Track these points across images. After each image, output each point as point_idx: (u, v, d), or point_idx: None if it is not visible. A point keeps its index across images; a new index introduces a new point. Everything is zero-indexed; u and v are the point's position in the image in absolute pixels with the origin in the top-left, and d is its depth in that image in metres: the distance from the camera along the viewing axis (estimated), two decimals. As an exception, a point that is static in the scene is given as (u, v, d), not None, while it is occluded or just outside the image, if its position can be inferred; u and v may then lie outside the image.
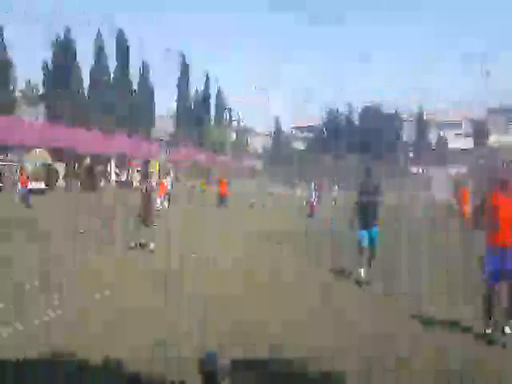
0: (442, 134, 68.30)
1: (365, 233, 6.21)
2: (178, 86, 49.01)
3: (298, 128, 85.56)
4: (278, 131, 73.21)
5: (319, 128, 72.92)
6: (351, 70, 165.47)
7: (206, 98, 53.96)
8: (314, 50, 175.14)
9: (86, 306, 4.95)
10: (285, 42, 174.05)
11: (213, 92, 56.04)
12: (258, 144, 78.15)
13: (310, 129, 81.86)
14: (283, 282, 6.29)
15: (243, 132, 68.95)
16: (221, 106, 58.66)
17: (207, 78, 54.26)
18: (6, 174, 25.47)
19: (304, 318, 4.64)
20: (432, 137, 68.47)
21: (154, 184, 12.48)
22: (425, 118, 67.82)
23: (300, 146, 74.56)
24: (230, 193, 18.73)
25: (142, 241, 8.57)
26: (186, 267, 6.72)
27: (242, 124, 69.31)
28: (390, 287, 5.96)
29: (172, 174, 20.11)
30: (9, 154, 28.67)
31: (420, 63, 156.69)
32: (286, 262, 7.66)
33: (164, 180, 12.93)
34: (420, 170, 62.23)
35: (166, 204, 16.18)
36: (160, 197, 12.41)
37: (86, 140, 32.19)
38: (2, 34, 29.10)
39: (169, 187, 17.39)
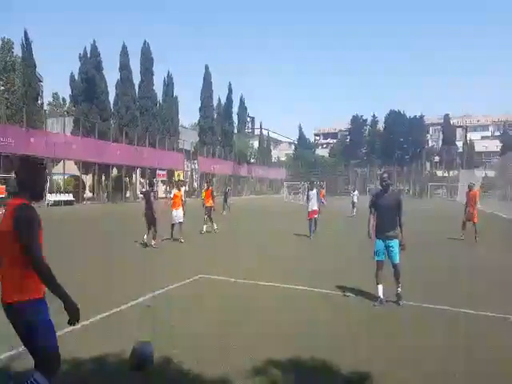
0: (469, 136, 66.28)
1: (380, 244, 5.51)
2: (202, 96, 49.62)
3: (320, 135, 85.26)
4: (301, 139, 72.93)
5: (343, 134, 72.28)
6: (374, 76, 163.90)
7: (228, 108, 54.38)
8: (335, 55, 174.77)
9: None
10: (304, 48, 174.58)
11: (235, 102, 56.50)
12: (281, 152, 78.02)
13: (333, 135, 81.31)
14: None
15: (266, 140, 68.99)
16: (243, 116, 58.99)
17: (230, 89, 54.79)
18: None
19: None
20: (459, 140, 66.54)
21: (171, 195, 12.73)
22: (451, 121, 66.12)
23: (323, 152, 73.97)
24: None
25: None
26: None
27: (264, 132, 69.44)
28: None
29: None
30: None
31: (445, 66, 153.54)
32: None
33: (175, 191, 11.41)
34: (446, 174, 60.49)
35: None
36: (176, 209, 10.93)
37: (113, 152, 32.87)
38: (31, 49, 30.29)
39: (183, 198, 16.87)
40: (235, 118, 56.89)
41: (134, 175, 37.71)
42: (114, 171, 35.32)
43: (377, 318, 4.91)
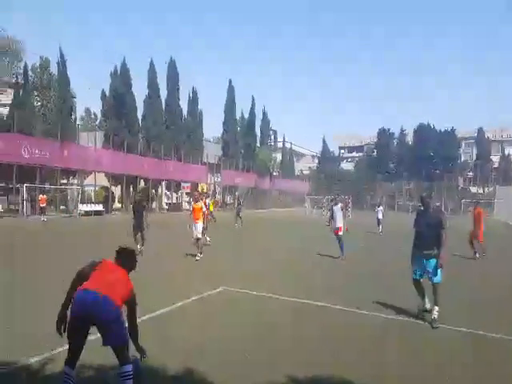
0: (507, 151, 64.92)
1: (419, 262, 5.63)
2: (225, 110, 51.30)
3: (345, 148, 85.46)
4: (325, 152, 73.46)
5: (370, 147, 72.38)
6: (403, 88, 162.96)
7: (251, 121, 55.82)
8: (360, 67, 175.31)
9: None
10: (329, 60, 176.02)
11: (258, 115, 57.92)
12: (304, 165, 78.74)
13: (358, 149, 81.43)
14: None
15: (289, 153, 69.96)
16: (266, 129, 60.28)
17: (253, 102, 56.32)
18: (69, 197, 28.00)
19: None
20: (494, 154, 65.26)
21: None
22: (486, 134, 65.11)
23: (348, 166, 74.15)
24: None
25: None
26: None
27: (287, 145, 70.48)
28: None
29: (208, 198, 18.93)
30: (71, 178, 31.57)
31: (480, 78, 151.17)
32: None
33: (194, 204, 11.00)
34: (481, 190, 59.37)
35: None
36: (195, 223, 10.64)
37: (140, 165, 34.58)
38: (65, 67, 32.64)
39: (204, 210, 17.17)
40: (258, 131, 58.33)
41: (159, 187, 39.31)
42: (142, 183, 37.01)
43: (405, 339, 4.94)
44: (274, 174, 61.90)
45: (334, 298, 6.55)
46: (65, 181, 31.07)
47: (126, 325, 3.33)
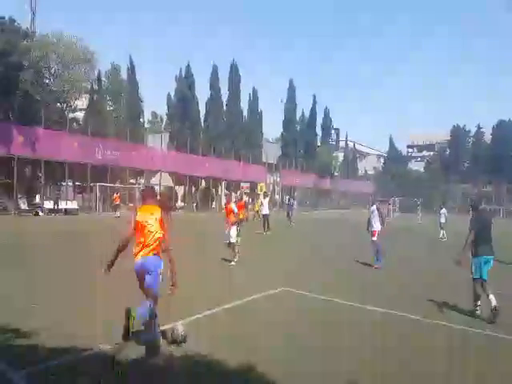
0: None
1: (481, 262, 5.87)
2: (285, 109, 51.79)
3: (414, 147, 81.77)
4: (391, 151, 70.83)
5: (442, 146, 68.48)
6: (476, 83, 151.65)
7: (312, 120, 55.70)
8: (430, 60, 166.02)
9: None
10: (399, 59, 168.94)
11: (319, 114, 57.61)
12: (368, 165, 76.61)
13: (429, 148, 77.40)
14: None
15: (352, 153, 68.61)
16: (328, 128, 59.75)
17: (314, 101, 56.14)
18: (137, 195, 30.30)
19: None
20: None
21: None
22: None
23: (417, 166, 70.80)
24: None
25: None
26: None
27: (350, 144, 69.15)
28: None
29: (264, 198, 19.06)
30: (139, 178, 34.08)
31: None
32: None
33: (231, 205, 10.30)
34: None
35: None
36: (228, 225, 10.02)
37: (202, 165, 36.31)
38: (134, 73, 35.35)
39: (266, 211, 17.44)
40: (319, 130, 58.04)
41: (219, 187, 40.88)
42: (203, 183, 38.80)
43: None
44: (336, 174, 61.11)
45: (396, 304, 6.43)
46: (133, 180, 33.63)
47: None
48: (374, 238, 10.17)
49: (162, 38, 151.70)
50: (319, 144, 57.79)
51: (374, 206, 10.55)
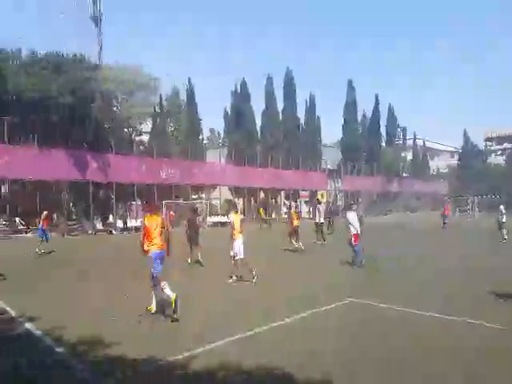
0: None
1: None
2: (345, 111, 51.54)
3: (493, 139, 75.96)
4: (467, 145, 66.66)
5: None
6: None
7: (375, 120, 54.71)
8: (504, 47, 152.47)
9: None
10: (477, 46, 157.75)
11: (383, 114, 56.37)
12: (441, 163, 72.86)
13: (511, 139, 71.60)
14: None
15: (422, 151, 65.87)
16: (393, 127, 58.20)
17: (376, 101, 55.10)
18: (199, 210, 32.57)
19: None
20: None
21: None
22: None
23: (497, 160, 65.85)
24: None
25: None
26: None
27: (419, 142, 66.44)
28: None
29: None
30: (200, 193, 36.51)
31: None
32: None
33: (233, 215, 9.89)
34: None
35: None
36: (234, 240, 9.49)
37: (259, 176, 37.82)
38: (193, 93, 38.03)
39: (321, 219, 17.29)
40: (383, 130, 56.78)
41: (278, 197, 42.05)
42: (261, 194, 40.27)
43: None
44: (404, 175, 59.19)
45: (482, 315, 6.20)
46: (195, 196, 36.13)
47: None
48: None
49: (214, 51, 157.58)
50: (384, 145, 56.56)
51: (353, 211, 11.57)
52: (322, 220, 17.89)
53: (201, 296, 8.22)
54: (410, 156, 62.82)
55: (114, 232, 26.61)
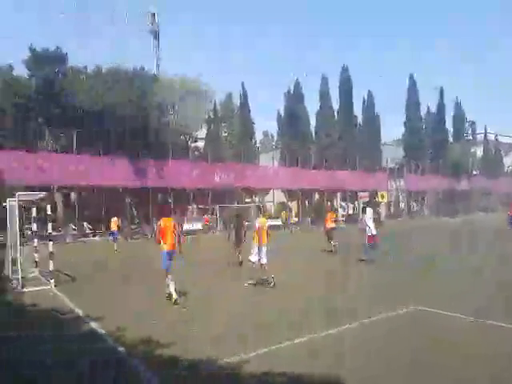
0: None
1: None
2: (407, 107, 49.54)
3: None
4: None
5: None
6: None
7: (440, 115, 51.95)
8: None
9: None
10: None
11: (449, 108, 53.38)
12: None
13: None
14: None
15: (494, 146, 61.17)
16: (460, 121, 54.81)
17: (441, 94, 52.32)
18: (252, 213, 33.22)
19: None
20: None
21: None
22: None
23: None
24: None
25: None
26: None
27: (490, 137, 61.77)
28: None
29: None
30: (253, 196, 37.24)
31: None
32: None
33: (260, 219, 9.86)
34: None
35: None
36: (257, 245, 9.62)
37: (314, 178, 37.68)
38: (246, 98, 38.92)
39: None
40: (449, 126, 53.72)
41: (334, 199, 41.53)
42: (316, 196, 40.08)
43: None
44: (474, 172, 55.43)
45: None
46: (249, 199, 36.93)
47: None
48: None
49: (267, 52, 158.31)
50: (451, 140, 53.47)
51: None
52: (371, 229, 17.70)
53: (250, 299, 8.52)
54: (480, 152, 58.67)
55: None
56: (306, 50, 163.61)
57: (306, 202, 39.24)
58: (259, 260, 9.47)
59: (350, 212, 42.10)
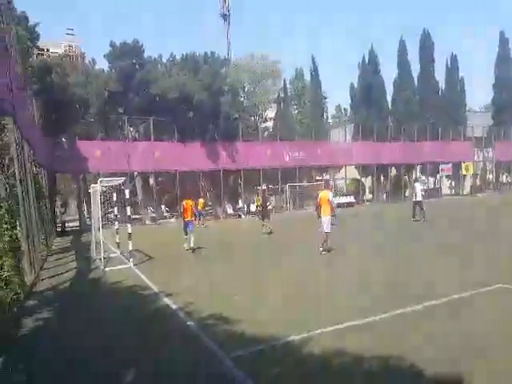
0: None
1: None
2: (496, 67, 41.98)
3: None
4: None
5: None
6: None
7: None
8: None
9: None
10: None
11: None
12: None
13: None
14: None
15: None
16: None
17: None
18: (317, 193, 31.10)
19: None
20: None
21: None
22: None
23: None
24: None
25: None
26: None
27: None
28: None
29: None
30: (324, 174, 34.77)
31: None
32: None
33: (323, 192, 10.46)
34: None
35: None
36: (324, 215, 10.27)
37: (391, 152, 33.89)
38: (317, 73, 35.81)
39: (419, 197, 16.26)
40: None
41: (413, 172, 37.23)
42: (393, 171, 36.20)
43: None
44: None
45: None
46: (319, 177, 34.54)
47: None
48: None
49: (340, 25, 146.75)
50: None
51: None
52: (420, 198, 16.69)
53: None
54: None
55: (242, 216, 27.34)
56: (380, 14, 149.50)
57: (382, 177, 35.61)
58: (323, 230, 10.21)
59: (431, 186, 37.63)
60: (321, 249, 10.20)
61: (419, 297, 5.98)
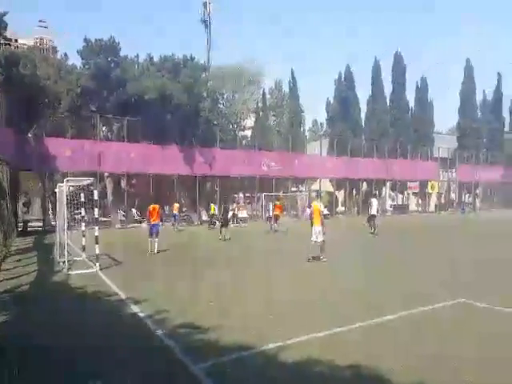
0: None
1: None
2: (461, 93, 43.55)
3: None
4: None
5: None
6: None
7: (496, 102, 45.38)
8: None
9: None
10: None
11: (507, 95, 46.42)
12: None
13: None
14: None
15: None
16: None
17: (499, 80, 45.57)
18: (298, 203, 30.38)
19: None
20: None
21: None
22: None
23: None
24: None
25: None
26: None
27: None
28: None
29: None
30: (300, 186, 34.17)
31: None
32: None
33: (314, 203, 10.96)
34: None
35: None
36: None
37: (363, 167, 33.82)
38: (296, 85, 35.41)
39: (373, 211, 17.57)
40: (506, 113, 46.89)
41: (383, 188, 37.44)
42: (364, 185, 36.18)
43: None
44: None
45: None
46: (295, 188, 33.89)
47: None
48: None
49: (317, 41, 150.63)
50: (507, 129, 46.74)
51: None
52: (374, 212, 17.88)
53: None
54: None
55: (216, 223, 25.97)
56: (355, 37, 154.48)
57: (354, 191, 35.47)
58: (314, 240, 10.51)
59: (399, 202, 37.99)
60: (321, 257, 10.56)
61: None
